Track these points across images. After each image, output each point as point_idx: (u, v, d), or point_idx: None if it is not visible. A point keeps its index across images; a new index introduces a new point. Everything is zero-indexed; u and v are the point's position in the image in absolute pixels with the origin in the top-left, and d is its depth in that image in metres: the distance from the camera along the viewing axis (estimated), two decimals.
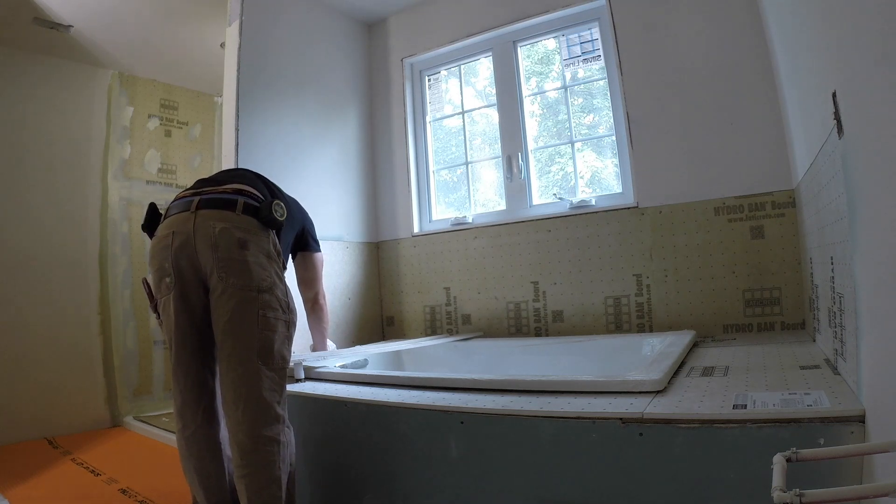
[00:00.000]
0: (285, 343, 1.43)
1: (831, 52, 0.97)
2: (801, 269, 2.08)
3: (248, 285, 1.36)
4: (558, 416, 1.16)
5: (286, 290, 1.46)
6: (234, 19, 2.50)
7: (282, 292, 1.43)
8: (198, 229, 1.36)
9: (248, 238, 1.38)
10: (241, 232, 1.38)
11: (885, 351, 0.80)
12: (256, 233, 1.41)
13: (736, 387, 1.21)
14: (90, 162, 3.36)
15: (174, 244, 1.38)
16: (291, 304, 1.47)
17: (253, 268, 1.37)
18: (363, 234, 3.11)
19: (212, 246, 1.35)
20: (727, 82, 2.25)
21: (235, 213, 1.40)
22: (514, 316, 2.72)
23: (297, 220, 1.79)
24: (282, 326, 1.41)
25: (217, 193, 1.44)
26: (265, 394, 1.35)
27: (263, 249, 1.41)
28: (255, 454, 1.31)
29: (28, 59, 3.12)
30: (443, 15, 3.04)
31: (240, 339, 1.35)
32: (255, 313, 1.36)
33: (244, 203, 1.42)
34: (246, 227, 1.39)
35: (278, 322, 1.40)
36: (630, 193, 2.49)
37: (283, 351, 1.42)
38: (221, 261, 1.35)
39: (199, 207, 1.39)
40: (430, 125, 3.17)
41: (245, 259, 1.36)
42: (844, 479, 0.91)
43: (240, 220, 1.39)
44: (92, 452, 2.70)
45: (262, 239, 1.42)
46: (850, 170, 0.94)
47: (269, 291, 1.39)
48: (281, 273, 1.47)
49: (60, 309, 3.15)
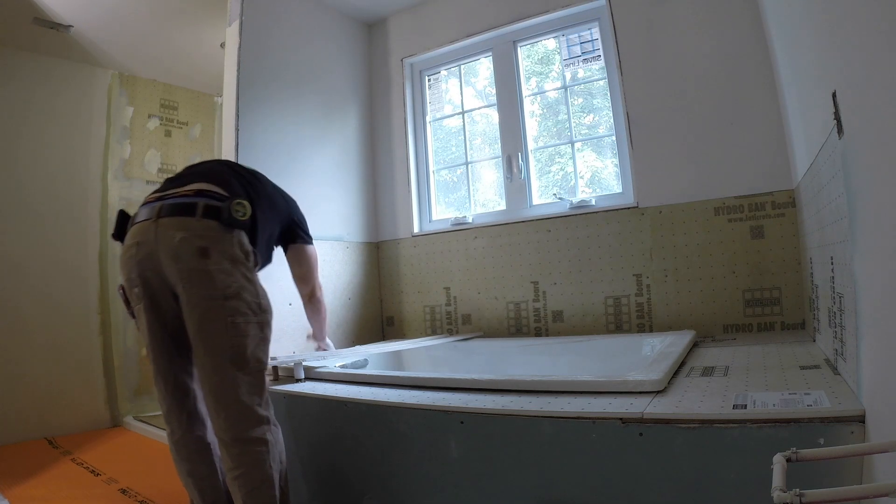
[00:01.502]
0: (260, 345, 1.40)
1: (831, 52, 0.97)
2: (801, 269, 2.08)
3: (213, 294, 1.33)
4: (558, 416, 1.16)
5: (257, 291, 1.41)
6: (234, 19, 2.50)
7: (252, 294, 1.39)
8: (159, 240, 1.34)
9: (208, 245, 1.34)
10: (202, 239, 1.33)
11: (885, 351, 0.80)
12: (218, 237, 1.36)
13: (736, 387, 1.21)
14: (90, 162, 3.36)
15: (139, 255, 1.37)
16: (264, 303, 1.42)
17: (216, 276, 1.33)
18: (363, 234, 3.11)
19: (173, 257, 1.33)
20: (727, 82, 2.25)
21: (196, 219, 1.35)
22: (514, 316, 2.72)
23: (282, 211, 1.71)
24: (254, 329, 1.38)
25: (178, 197, 1.39)
26: (244, 398, 1.34)
27: (227, 254, 1.36)
28: (243, 456, 1.31)
29: (28, 59, 3.12)
30: (443, 15, 3.04)
31: (211, 348, 1.33)
32: (224, 321, 1.33)
33: (205, 206, 1.36)
34: (206, 234, 1.34)
35: (249, 326, 1.37)
36: (630, 193, 2.49)
37: (259, 353, 1.39)
38: (183, 272, 1.33)
39: (160, 215, 1.36)
40: (430, 125, 3.17)
41: (206, 269, 1.33)
42: (844, 479, 0.91)
43: (200, 226, 1.34)
44: (92, 452, 2.70)
45: (225, 243, 1.36)
46: (850, 170, 0.94)
47: (237, 297, 1.35)
48: (250, 274, 1.41)
49: (60, 309, 3.15)
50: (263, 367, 1.41)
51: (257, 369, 1.39)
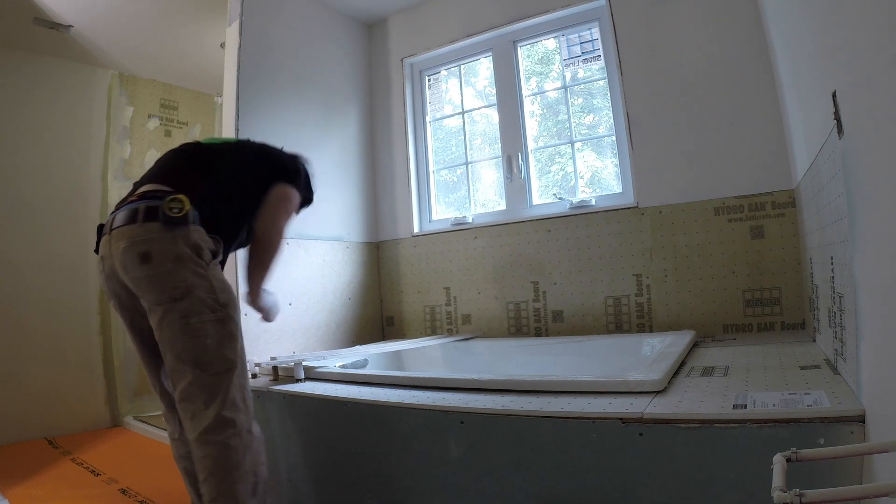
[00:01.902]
0: (224, 342, 1.32)
1: (831, 53, 0.97)
2: (801, 269, 2.08)
3: (160, 299, 1.28)
4: (558, 416, 1.16)
5: (213, 286, 1.32)
6: (234, 19, 2.50)
7: (205, 289, 1.31)
8: (113, 253, 1.32)
9: (149, 249, 1.28)
10: (143, 244, 1.28)
11: (885, 351, 0.80)
12: (160, 238, 1.28)
13: (736, 387, 1.21)
14: (90, 162, 3.36)
15: (106, 271, 1.38)
16: (223, 297, 1.34)
17: (160, 280, 1.28)
18: (363, 234, 3.11)
19: (123, 268, 1.31)
20: (727, 82, 2.25)
21: (138, 225, 1.29)
22: (514, 316, 2.72)
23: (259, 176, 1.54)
24: (213, 327, 1.31)
25: (126, 205, 1.34)
26: (204, 400, 1.28)
27: (171, 254, 1.28)
28: (205, 460, 1.26)
29: (28, 59, 3.12)
30: (443, 15, 3.04)
31: (172, 352, 1.29)
32: (177, 324, 1.28)
33: (145, 208, 1.30)
34: (147, 237, 1.28)
35: (206, 324, 1.30)
36: (630, 193, 2.49)
37: (224, 352, 1.32)
38: (133, 281, 1.31)
39: (112, 227, 1.33)
40: (430, 125, 3.17)
41: (149, 274, 1.28)
42: (844, 479, 0.91)
43: (141, 231, 1.29)
44: (92, 452, 2.70)
45: (168, 242, 1.29)
46: (850, 170, 0.94)
47: (186, 297, 1.28)
48: (203, 269, 1.32)
49: (60, 309, 3.15)
50: (232, 367, 1.32)
51: (225, 369, 1.31)
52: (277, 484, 1.68)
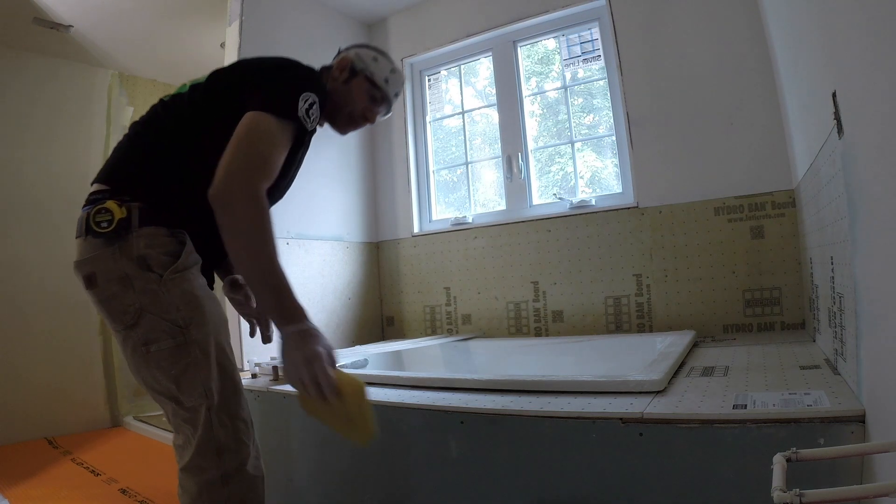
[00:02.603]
0: (190, 371, 1.06)
1: (831, 53, 0.97)
2: (801, 269, 2.08)
3: (115, 327, 1.10)
4: (558, 416, 1.16)
5: (167, 304, 1.06)
6: (234, 19, 2.50)
7: (159, 310, 1.05)
8: None
9: (93, 270, 1.07)
10: (86, 265, 1.07)
11: (885, 351, 0.80)
12: (101, 256, 1.06)
13: (736, 387, 1.21)
14: (90, 162, 3.36)
15: None
16: (182, 316, 1.06)
17: (108, 306, 1.07)
18: (363, 234, 3.11)
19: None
20: (727, 82, 2.25)
21: (82, 239, 1.08)
22: (514, 316, 2.72)
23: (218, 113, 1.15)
24: (174, 355, 1.06)
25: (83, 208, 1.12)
26: (190, 436, 1.08)
27: (114, 274, 1.05)
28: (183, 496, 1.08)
29: (28, 58, 3.12)
30: (443, 15, 3.04)
31: (145, 383, 1.11)
32: (139, 352, 1.07)
33: (84, 218, 1.08)
34: (89, 255, 1.07)
35: (165, 352, 1.05)
36: (630, 193, 2.49)
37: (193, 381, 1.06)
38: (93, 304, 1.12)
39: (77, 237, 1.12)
40: (430, 125, 3.17)
41: (97, 299, 1.09)
42: (844, 479, 0.91)
43: (85, 247, 1.08)
44: (92, 452, 2.70)
45: (109, 260, 1.06)
46: (850, 170, 0.94)
47: (139, 322, 1.05)
48: (152, 285, 1.06)
49: (60, 309, 3.15)
50: (205, 401, 1.06)
51: (198, 403, 1.06)
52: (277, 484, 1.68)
